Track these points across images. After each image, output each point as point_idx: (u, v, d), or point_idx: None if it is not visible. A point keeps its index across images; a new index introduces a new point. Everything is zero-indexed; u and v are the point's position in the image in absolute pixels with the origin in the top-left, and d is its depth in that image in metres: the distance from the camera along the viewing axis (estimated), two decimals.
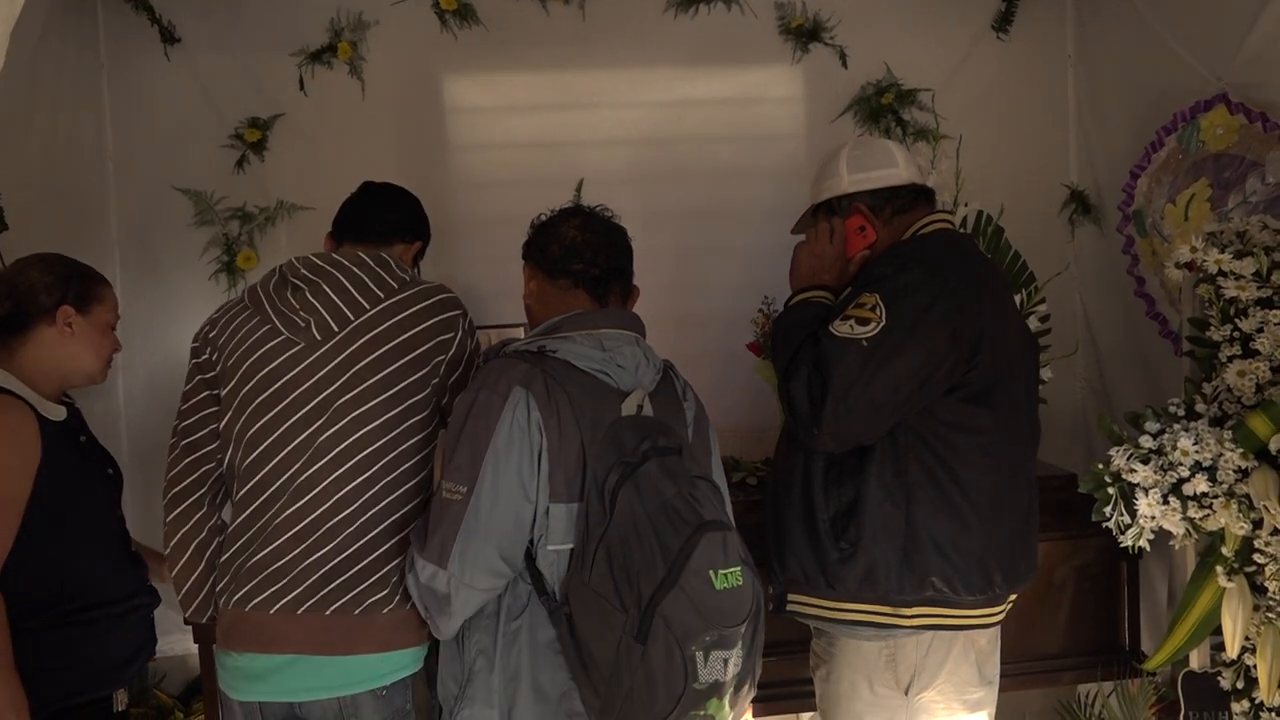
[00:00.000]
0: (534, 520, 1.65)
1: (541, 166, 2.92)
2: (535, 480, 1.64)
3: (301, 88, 2.82)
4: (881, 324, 1.82)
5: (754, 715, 2.45)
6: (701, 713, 1.59)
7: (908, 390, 1.83)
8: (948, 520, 1.88)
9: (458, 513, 1.62)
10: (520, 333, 2.70)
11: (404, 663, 1.84)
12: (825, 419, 1.82)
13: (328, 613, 1.77)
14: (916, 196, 2.05)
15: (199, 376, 1.94)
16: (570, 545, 1.63)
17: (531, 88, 2.92)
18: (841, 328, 1.84)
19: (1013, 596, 1.99)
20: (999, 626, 2.03)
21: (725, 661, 1.58)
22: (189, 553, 1.90)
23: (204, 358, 1.93)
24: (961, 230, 2.07)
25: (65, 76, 2.54)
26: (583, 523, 1.62)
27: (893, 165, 2.05)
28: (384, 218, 2.04)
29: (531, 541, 1.66)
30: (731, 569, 1.60)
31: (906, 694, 1.95)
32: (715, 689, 1.58)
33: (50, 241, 2.35)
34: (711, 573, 1.57)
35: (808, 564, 1.94)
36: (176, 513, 1.90)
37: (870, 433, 1.86)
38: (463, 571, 1.62)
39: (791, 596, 1.98)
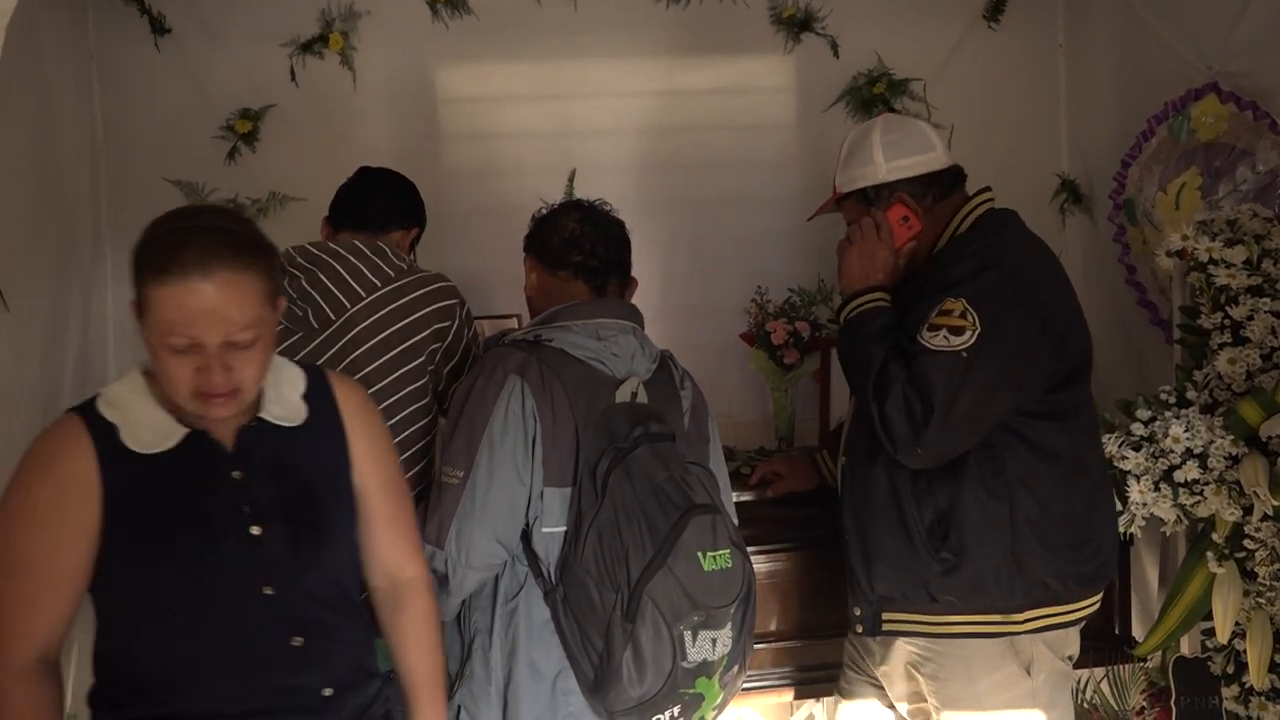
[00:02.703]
0: (529, 503, 1.70)
1: (533, 157, 2.91)
2: (529, 465, 1.69)
3: (293, 78, 2.81)
4: (977, 331, 1.74)
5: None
6: (691, 691, 1.64)
7: (1009, 393, 1.78)
8: (1052, 513, 1.82)
9: (455, 496, 1.68)
10: (514, 323, 2.71)
11: None
12: (928, 438, 1.74)
13: None
14: (954, 179, 1.98)
15: None
16: (564, 528, 1.69)
17: (523, 78, 2.91)
18: (934, 339, 1.76)
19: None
20: None
21: (714, 641, 1.64)
22: None
23: None
24: (1002, 208, 2.03)
25: (55, 68, 2.52)
26: (575, 506, 1.67)
27: (931, 149, 1.96)
28: (382, 205, 2.05)
29: (528, 524, 1.70)
30: (721, 551, 1.65)
31: (1029, 674, 1.87)
32: (704, 668, 1.64)
33: (41, 233, 2.36)
34: (700, 554, 1.63)
35: (904, 580, 1.86)
36: None
37: (971, 442, 1.80)
38: (459, 552, 1.67)
39: (887, 615, 1.91)
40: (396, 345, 1.87)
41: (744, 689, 2.26)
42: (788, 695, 2.44)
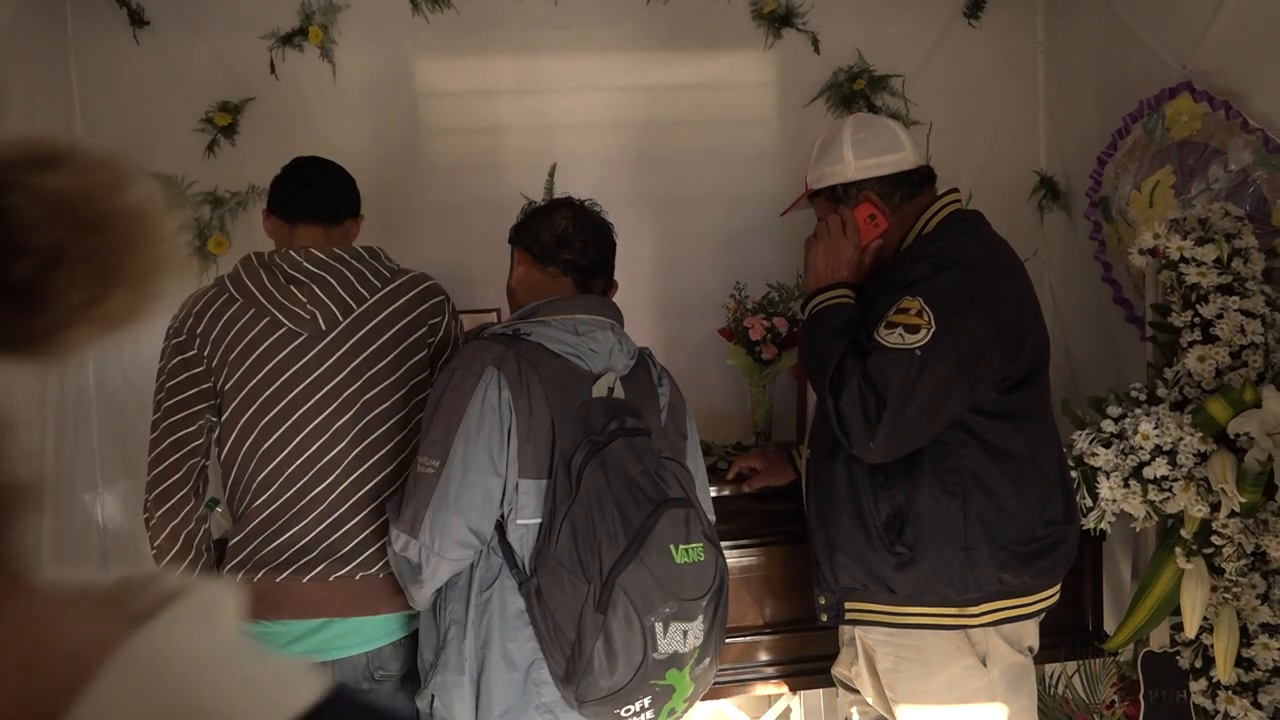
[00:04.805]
0: (504, 495, 1.72)
1: (513, 151, 2.91)
2: (504, 456, 1.71)
3: (272, 71, 2.81)
4: (932, 330, 1.77)
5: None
6: (661, 682, 1.66)
7: (963, 392, 1.80)
8: (1005, 511, 1.85)
9: (429, 486, 1.70)
10: (494, 317, 2.72)
11: (414, 620, 1.97)
12: (881, 433, 1.77)
13: (357, 577, 1.92)
14: (923, 179, 2.01)
15: (186, 373, 1.98)
16: (539, 520, 1.71)
17: (504, 72, 2.91)
18: (890, 337, 1.79)
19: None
20: None
21: (685, 633, 1.66)
22: (180, 542, 1.98)
23: (192, 353, 1.97)
24: (969, 208, 2.05)
25: (32, 60, 2.51)
26: (550, 498, 1.69)
27: (900, 149, 1.99)
28: (334, 197, 2.08)
29: (503, 516, 1.72)
30: (693, 544, 1.67)
31: (985, 665, 1.91)
32: (675, 660, 1.66)
33: None
34: (673, 547, 1.65)
35: (863, 572, 1.90)
36: (167, 507, 1.97)
37: (925, 439, 1.83)
38: (433, 541, 1.69)
39: (849, 605, 1.95)
40: (401, 342, 1.97)
41: (716, 683, 2.29)
42: (766, 688, 2.46)
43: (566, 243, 1.86)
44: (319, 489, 1.93)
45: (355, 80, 2.86)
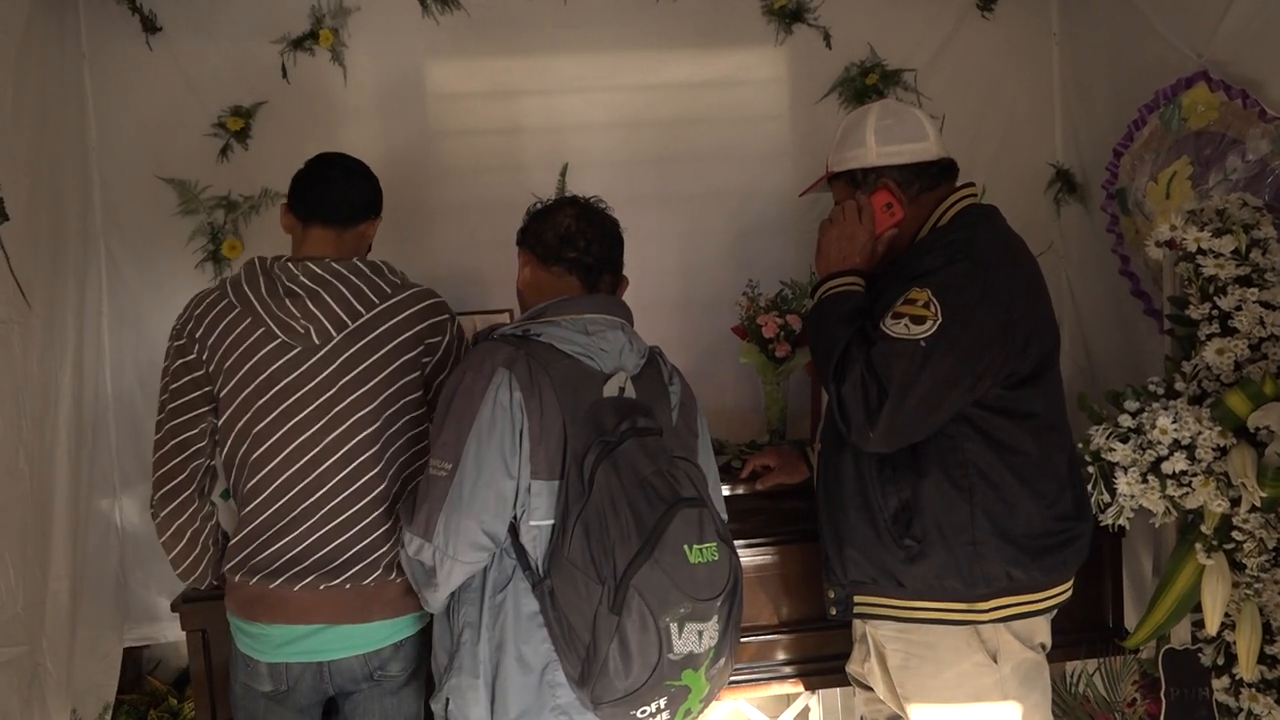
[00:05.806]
0: (516, 496, 1.71)
1: (525, 152, 2.91)
2: (517, 458, 1.70)
3: (284, 75, 2.81)
4: (938, 322, 1.76)
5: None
6: (677, 683, 1.66)
7: (965, 386, 1.79)
8: (1013, 507, 1.84)
9: (442, 489, 1.70)
10: (505, 318, 2.72)
11: (417, 621, 2.00)
12: (881, 423, 1.77)
13: (347, 587, 1.91)
14: (943, 172, 1.99)
15: (188, 376, 1.99)
16: (552, 521, 1.70)
17: (514, 73, 2.91)
18: (896, 327, 1.78)
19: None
20: None
21: (700, 634, 1.65)
22: (186, 539, 2.01)
23: (192, 356, 1.99)
24: (984, 202, 2.03)
25: (46, 68, 2.53)
26: (563, 499, 1.69)
27: (924, 139, 1.98)
28: (352, 198, 2.06)
29: (515, 517, 1.72)
30: (707, 544, 1.67)
31: (996, 662, 1.90)
32: (690, 660, 1.65)
33: (39, 233, 2.36)
34: (686, 547, 1.64)
35: (872, 566, 1.90)
36: (172, 506, 1.99)
37: (926, 431, 1.82)
38: (446, 544, 1.69)
39: (858, 598, 1.95)
40: (396, 360, 1.95)
41: (733, 682, 2.28)
42: (783, 687, 2.45)
43: (570, 241, 1.85)
44: (310, 501, 1.92)
45: (366, 82, 2.86)
